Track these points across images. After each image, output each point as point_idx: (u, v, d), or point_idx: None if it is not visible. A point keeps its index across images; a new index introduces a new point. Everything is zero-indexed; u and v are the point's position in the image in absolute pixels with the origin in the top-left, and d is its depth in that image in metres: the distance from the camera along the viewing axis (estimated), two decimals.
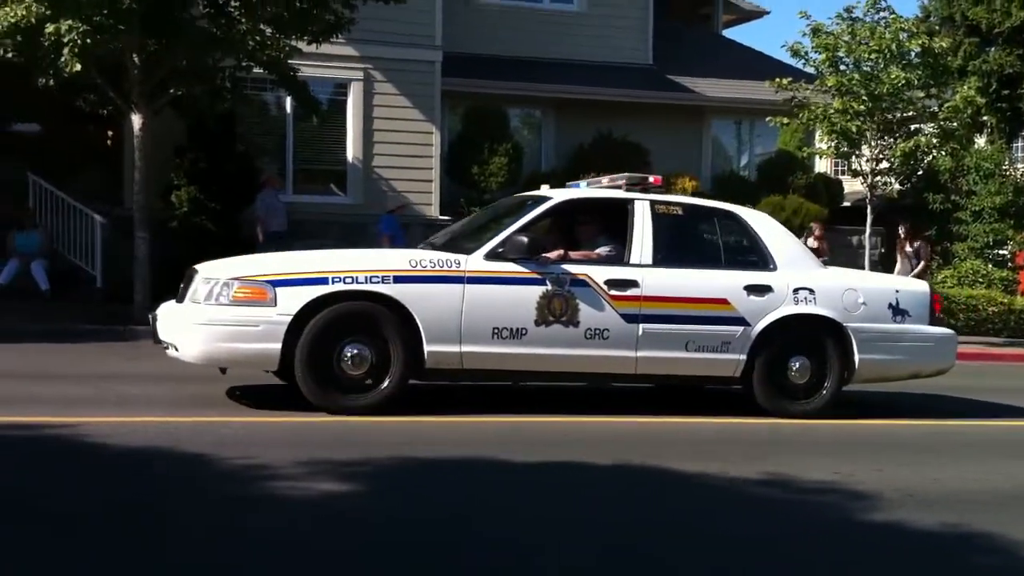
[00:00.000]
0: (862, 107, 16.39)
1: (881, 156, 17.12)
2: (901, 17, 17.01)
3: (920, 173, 19.73)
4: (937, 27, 24.17)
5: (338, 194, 17.94)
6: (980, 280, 19.71)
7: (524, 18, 20.21)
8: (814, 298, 8.18)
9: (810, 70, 17.93)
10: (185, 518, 4.71)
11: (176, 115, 14.86)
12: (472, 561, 4.35)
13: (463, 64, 18.73)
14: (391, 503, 5.17)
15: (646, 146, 19.53)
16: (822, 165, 25.53)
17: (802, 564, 4.57)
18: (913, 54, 16.83)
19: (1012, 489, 6.22)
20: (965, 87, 17.55)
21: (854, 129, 16.61)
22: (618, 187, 8.49)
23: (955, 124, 17.41)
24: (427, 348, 7.36)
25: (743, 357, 8.02)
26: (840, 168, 24.98)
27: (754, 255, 8.38)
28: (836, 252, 18.14)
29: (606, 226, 8.30)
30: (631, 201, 8.17)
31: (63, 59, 12.04)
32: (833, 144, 17.51)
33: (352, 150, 17.80)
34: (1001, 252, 21.72)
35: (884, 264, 19.04)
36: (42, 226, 15.79)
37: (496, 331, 7.50)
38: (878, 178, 17.22)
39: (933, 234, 20.43)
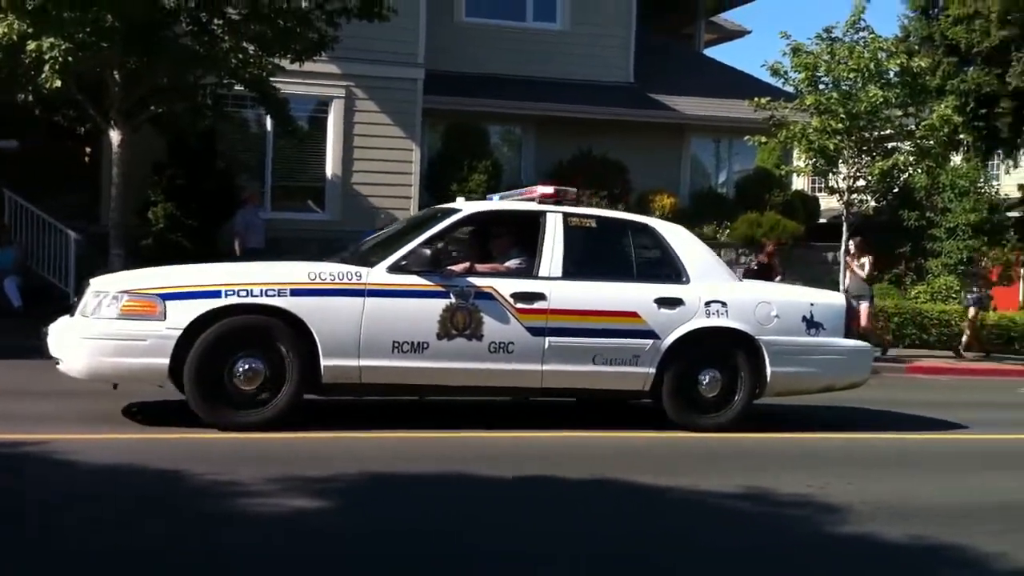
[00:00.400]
0: (840, 125, 16.54)
1: (858, 174, 17.29)
2: (880, 37, 17.20)
3: (896, 190, 19.93)
4: (916, 47, 24.43)
5: (316, 211, 18.05)
6: (953, 296, 19.93)
7: (507, 36, 20.38)
8: (726, 311, 8.16)
9: (789, 89, 18.08)
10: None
11: (156, 132, 14.95)
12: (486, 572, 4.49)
13: (445, 82, 18.88)
14: (380, 515, 5.29)
15: (625, 163, 19.73)
16: (799, 183, 25.73)
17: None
18: (892, 73, 17.02)
19: (978, 501, 6.35)
20: (942, 106, 17.75)
21: (832, 147, 16.76)
22: (532, 199, 8.45)
23: (931, 142, 17.60)
24: (324, 362, 7.26)
25: (652, 371, 7.97)
26: (817, 186, 25.23)
27: (667, 268, 8.33)
28: (811, 268, 18.38)
29: (519, 239, 8.27)
30: (543, 213, 8.12)
31: (44, 75, 12.11)
32: (811, 162, 17.66)
33: (331, 167, 17.92)
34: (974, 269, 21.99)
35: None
36: (17, 243, 15.81)
37: (396, 345, 7.41)
38: (854, 195, 17.37)
39: (908, 250, 20.66)
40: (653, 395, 8.11)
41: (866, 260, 16.80)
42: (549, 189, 8.52)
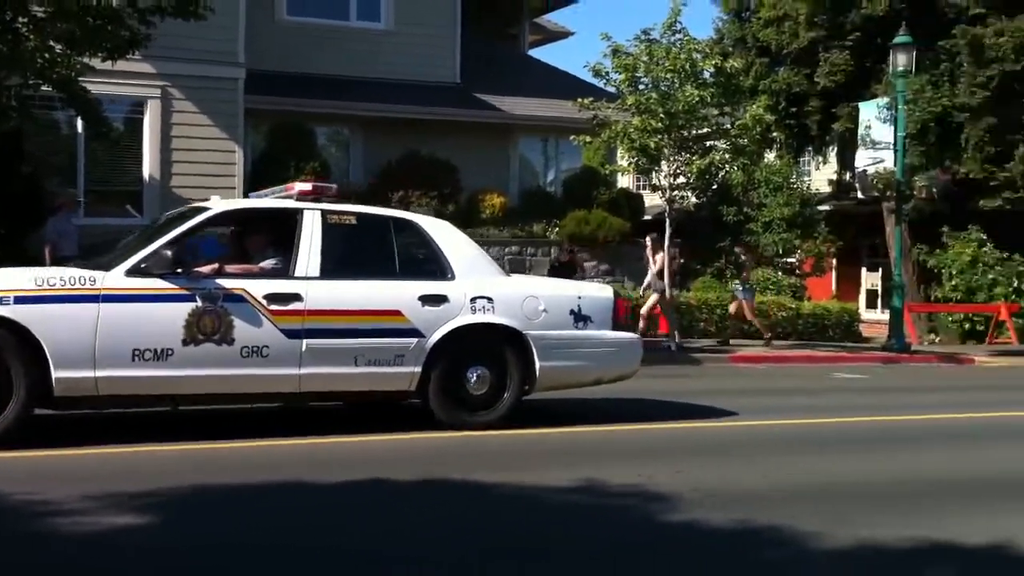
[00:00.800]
0: (660, 124, 16.96)
1: (678, 171, 17.80)
2: (695, 39, 17.74)
3: (715, 187, 20.63)
4: (730, 48, 25.39)
5: (134, 215, 17.32)
6: (771, 287, 20.81)
7: (331, 35, 20.10)
8: (492, 307, 8.08)
9: (611, 89, 18.48)
10: None
11: None
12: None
13: (268, 81, 18.47)
14: (200, 530, 5.09)
15: (455, 163, 19.75)
16: (624, 181, 26.38)
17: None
18: (707, 74, 17.58)
19: (796, 484, 6.60)
20: (755, 105, 18.45)
21: (652, 146, 17.19)
22: (290, 196, 8.19)
23: (746, 140, 18.27)
24: (55, 374, 6.85)
25: (418, 370, 7.83)
26: (641, 183, 25.93)
27: (432, 265, 8.20)
28: (637, 264, 18.81)
29: (274, 238, 8.00)
30: (300, 211, 7.88)
31: None
32: (633, 160, 18.06)
33: (149, 169, 17.26)
34: (790, 260, 23.05)
35: (683, 274, 19.86)
36: None
37: (137, 353, 7.04)
38: (676, 192, 17.88)
39: (728, 244, 21.43)
40: (420, 395, 7.96)
41: (659, 257, 17.27)
42: (307, 186, 8.29)
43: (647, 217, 23.11)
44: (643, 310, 17.02)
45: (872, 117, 21.10)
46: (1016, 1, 23.48)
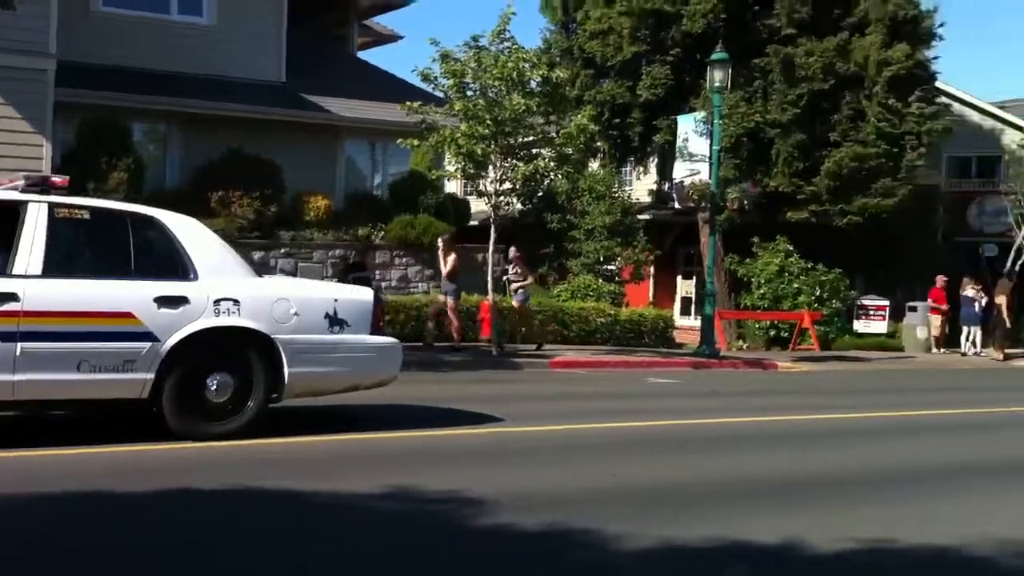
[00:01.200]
0: (487, 131, 17.14)
1: (504, 178, 18.03)
2: (523, 48, 17.99)
3: (540, 194, 21.01)
4: (557, 58, 25.89)
5: None
6: (591, 293, 21.32)
7: (151, 29, 19.45)
8: (238, 309, 7.69)
9: (439, 94, 18.55)
10: None
11: None
12: None
13: (83, 74, 17.72)
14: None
15: (280, 164, 19.43)
16: (451, 186, 26.52)
17: None
18: (534, 83, 17.87)
19: (605, 487, 6.78)
20: (580, 115, 18.85)
21: (479, 152, 17.34)
22: (16, 188, 7.63)
23: (570, 149, 18.66)
24: None
25: (151, 376, 7.38)
26: (468, 189, 26.11)
27: (172, 263, 7.71)
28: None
29: None
30: (23, 203, 7.32)
31: None
32: (460, 166, 18.18)
33: None
34: (610, 267, 23.71)
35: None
36: None
37: None
38: (501, 199, 18.10)
39: (551, 251, 21.89)
40: (154, 403, 7.51)
41: (450, 259, 17.48)
42: (37, 177, 7.83)
43: (473, 223, 23.31)
44: (431, 310, 17.35)
45: (690, 130, 21.92)
46: (825, 24, 24.88)
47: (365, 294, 8.72)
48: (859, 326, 25.40)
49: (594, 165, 26.57)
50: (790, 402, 12.90)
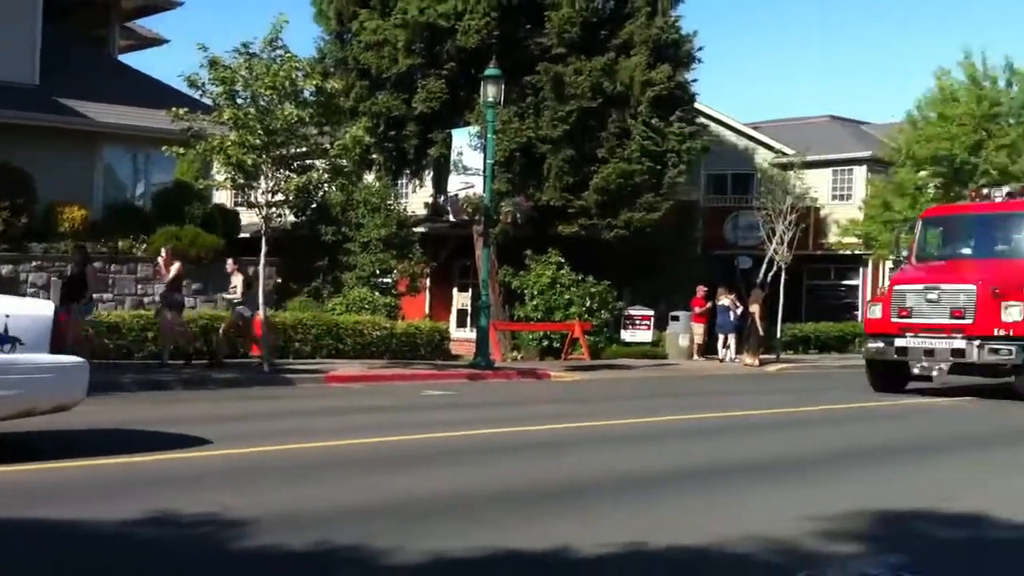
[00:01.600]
0: (258, 141, 16.70)
1: (276, 189, 17.62)
2: (297, 57, 17.64)
3: (314, 206, 20.66)
4: (332, 69, 25.59)
5: None
6: (367, 307, 21.14)
7: None
8: None
9: (208, 102, 17.93)
10: None
11: None
12: None
13: None
14: None
15: (31, 172, 18.28)
16: (221, 196, 25.73)
17: None
18: (308, 93, 17.55)
19: (372, 502, 6.66)
20: (355, 127, 18.66)
21: (250, 162, 16.88)
22: None
23: (344, 161, 18.45)
24: None
25: None
26: (238, 200, 25.39)
27: None
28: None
29: None
30: None
31: None
32: (230, 176, 17.63)
33: None
34: (386, 280, 23.61)
35: (279, 294, 19.69)
36: None
37: None
38: (273, 210, 17.68)
39: (326, 264, 21.57)
40: None
41: (174, 268, 17.01)
42: None
43: (244, 235, 22.67)
44: (222, 328, 16.95)
45: (464, 144, 22.12)
46: (593, 44, 25.74)
47: (42, 308, 7.95)
48: (626, 335, 26.36)
49: (369, 177, 26.41)
50: (561, 410, 13.20)
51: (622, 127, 25.97)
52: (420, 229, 27.00)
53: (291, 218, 20.36)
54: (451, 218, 24.65)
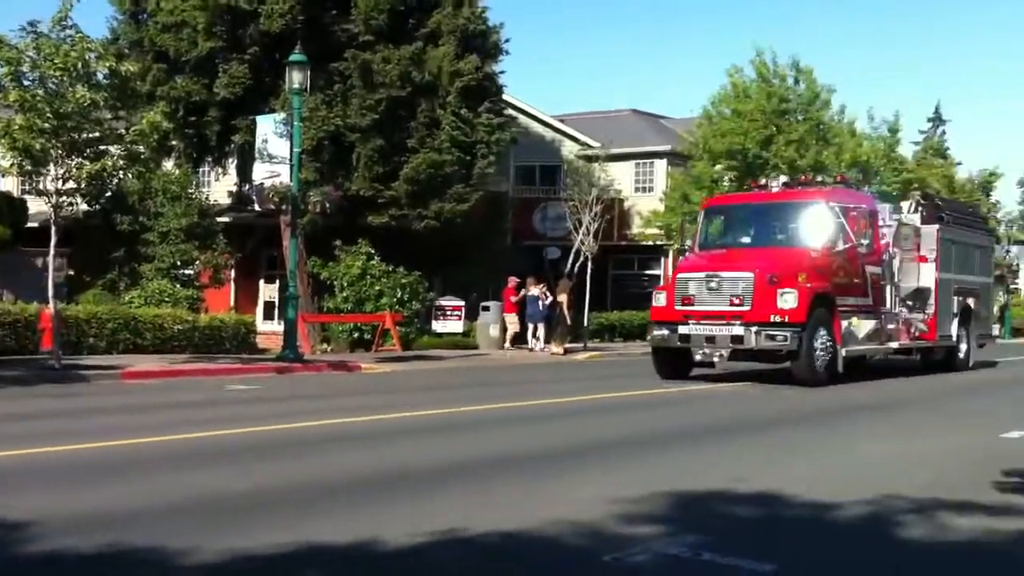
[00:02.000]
0: (47, 125, 15.80)
1: (68, 176, 16.70)
2: (88, 37, 16.76)
3: (109, 194, 19.72)
4: (127, 50, 24.46)
5: None
6: (167, 299, 20.35)
7: None
8: None
9: None
10: None
11: None
12: None
13: None
14: None
15: None
16: (6, 183, 24.21)
17: None
18: (101, 75, 16.71)
19: (169, 501, 6.36)
20: (152, 112, 17.89)
21: (38, 147, 15.96)
22: None
23: (142, 147, 17.66)
24: None
25: None
26: (26, 187, 23.99)
27: None
28: (21, 274, 17.37)
29: None
30: None
31: None
32: (16, 162, 16.63)
33: None
34: (187, 272, 22.78)
35: (71, 287, 18.70)
36: None
37: None
38: (64, 198, 16.75)
39: (122, 255, 20.64)
40: None
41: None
42: None
43: (33, 224, 21.41)
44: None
45: (270, 131, 21.58)
46: (401, 32, 25.56)
47: None
48: (437, 326, 26.38)
49: (168, 164, 25.40)
50: (369, 402, 12.99)
51: (431, 117, 25.92)
52: (224, 219, 26.19)
53: (84, 207, 19.35)
54: (257, 207, 24.07)
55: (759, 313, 15.46)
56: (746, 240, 17.46)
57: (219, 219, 24.93)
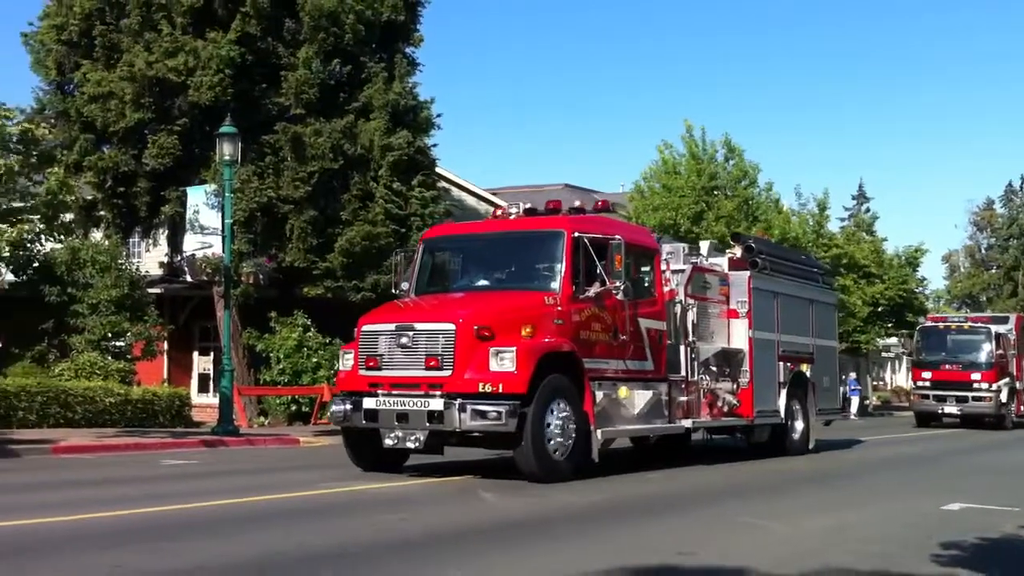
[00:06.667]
0: None
1: None
2: (3, 104, 16.47)
3: (36, 265, 19.15)
4: (53, 120, 24.05)
5: None
6: (98, 372, 19.74)
7: None
8: None
9: None
10: None
11: None
12: None
13: None
14: None
15: None
16: None
17: None
18: (16, 139, 16.39)
19: None
20: (56, 169, 17.35)
21: None
22: None
23: (58, 210, 17.22)
24: None
25: None
26: None
27: None
28: None
29: None
30: None
31: None
32: None
33: None
34: (119, 344, 22.15)
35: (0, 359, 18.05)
36: None
37: None
38: None
39: (51, 327, 20.01)
40: None
41: None
42: None
43: None
44: None
45: (201, 202, 21.23)
46: (332, 106, 25.50)
47: None
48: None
49: (97, 235, 24.82)
50: (306, 477, 12.29)
51: (364, 189, 25.77)
52: (155, 290, 25.63)
53: (10, 276, 18.73)
54: (189, 278, 23.58)
55: (464, 380, 11.16)
56: (470, 282, 13.21)
57: (150, 290, 24.40)
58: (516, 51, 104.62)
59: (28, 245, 16.67)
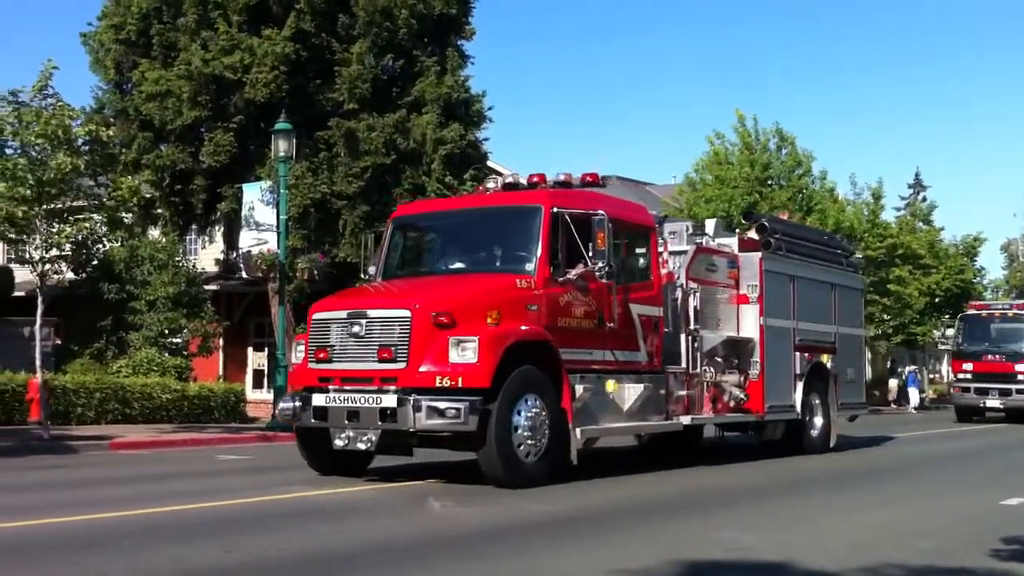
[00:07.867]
0: (29, 192, 15.73)
1: (52, 243, 16.55)
2: (68, 105, 16.75)
3: (95, 263, 19.52)
4: (112, 119, 24.43)
5: None
6: (155, 369, 20.07)
7: None
8: None
9: None
10: None
11: None
12: None
13: None
14: None
15: None
16: None
17: None
18: (81, 141, 16.67)
19: None
20: (130, 178, 17.68)
21: (20, 214, 15.85)
22: None
23: (123, 213, 17.52)
24: None
25: None
26: (11, 256, 23.76)
27: None
28: (6, 343, 17.10)
29: None
30: None
31: None
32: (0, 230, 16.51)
33: None
34: (176, 340, 22.50)
35: (58, 356, 18.40)
36: None
37: None
38: (49, 266, 16.56)
39: (109, 324, 20.36)
40: None
41: None
42: None
43: (19, 293, 21.13)
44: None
45: (256, 199, 21.49)
46: (385, 101, 25.61)
47: None
48: None
49: (155, 233, 25.22)
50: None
51: (416, 184, 25.83)
52: (212, 287, 25.95)
53: (70, 275, 19.12)
54: (244, 275, 23.85)
55: (420, 374, 9.96)
56: (443, 264, 12.09)
57: (207, 287, 24.73)
58: (567, 43, 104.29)
59: (89, 244, 16.95)
